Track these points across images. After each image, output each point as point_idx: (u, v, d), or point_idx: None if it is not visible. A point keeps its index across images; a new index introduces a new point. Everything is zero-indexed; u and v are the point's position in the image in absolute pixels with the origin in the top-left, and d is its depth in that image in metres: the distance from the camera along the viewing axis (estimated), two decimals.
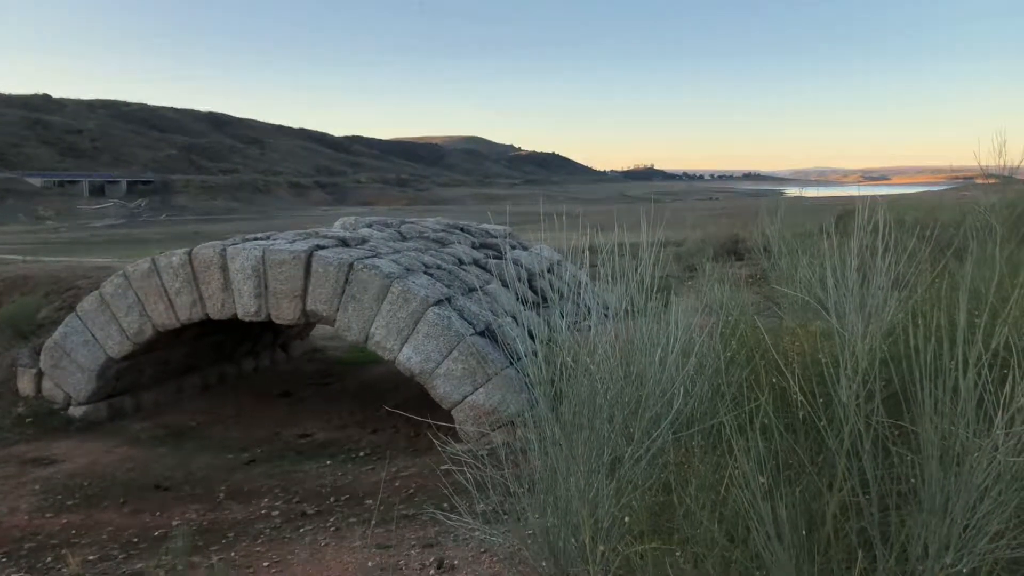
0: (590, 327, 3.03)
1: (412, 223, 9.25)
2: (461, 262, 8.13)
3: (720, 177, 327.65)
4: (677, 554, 1.59)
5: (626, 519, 1.63)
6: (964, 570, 1.24)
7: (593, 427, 1.72)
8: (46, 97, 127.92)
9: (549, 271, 9.46)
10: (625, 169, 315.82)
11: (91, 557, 5.12)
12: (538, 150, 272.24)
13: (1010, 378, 1.51)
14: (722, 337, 2.36)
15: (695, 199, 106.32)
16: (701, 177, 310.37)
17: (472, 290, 7.38)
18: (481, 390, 6.42)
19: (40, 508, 6.06)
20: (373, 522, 5.28)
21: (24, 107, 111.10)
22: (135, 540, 5.41)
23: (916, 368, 1.53)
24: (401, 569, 4.32)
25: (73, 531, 5.62)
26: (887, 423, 1.56)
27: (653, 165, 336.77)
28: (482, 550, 4.46)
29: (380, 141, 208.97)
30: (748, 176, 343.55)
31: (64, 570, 4.89)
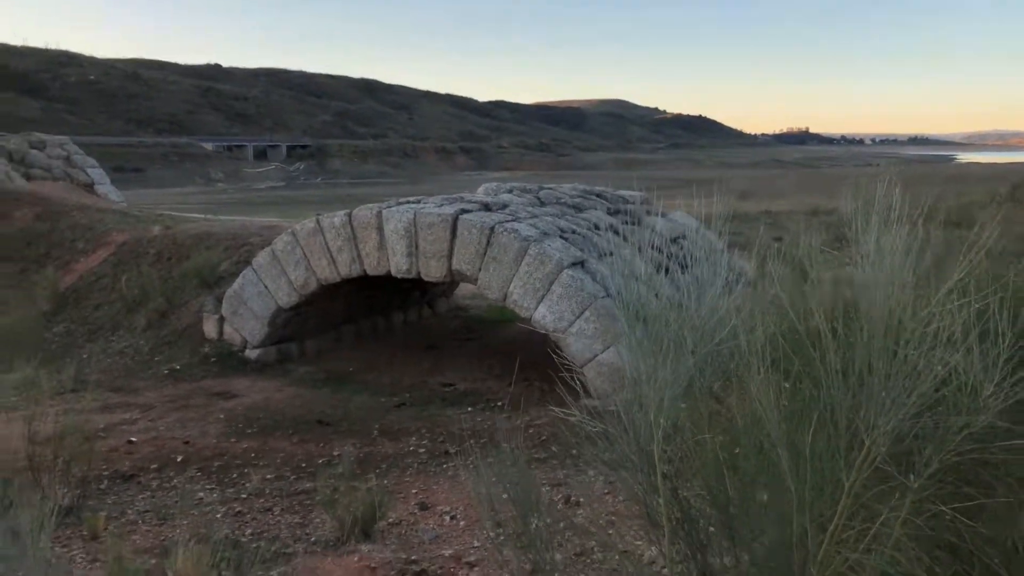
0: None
1: (550, 189, 9.64)
2: (596, 227, 8.45)
3: (883, 141, 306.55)
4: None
5: (681, 404, 1.96)
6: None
7: (661, 342, 2.07)
8: (216, 67, 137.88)
9: (684, 237, 9.60)
10: (777, 132, 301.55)
11: (268, 476, 5.94)
12: (684, 113, 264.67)
13: None
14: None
15: (853, 165, 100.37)
16: (861, 142, 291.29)
17: (605, 255, 7.70)
18: (611, 349, 6.77)
19: (225, 433, 7.01)
20: (508, 462, 5.80)
21: (198, 76, 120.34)
22: (303, 465, 6.20)
23: None
24: (532, 502, 4.79)
25: (252, 454, 6.48)
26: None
27: (808, 128, 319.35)
28: (605, 491, 4.87)
29: (523, 106, 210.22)
30: (915, 140, 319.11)
31: (247, 485, 5.72)
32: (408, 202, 8.28)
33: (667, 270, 4.82)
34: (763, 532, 1.81)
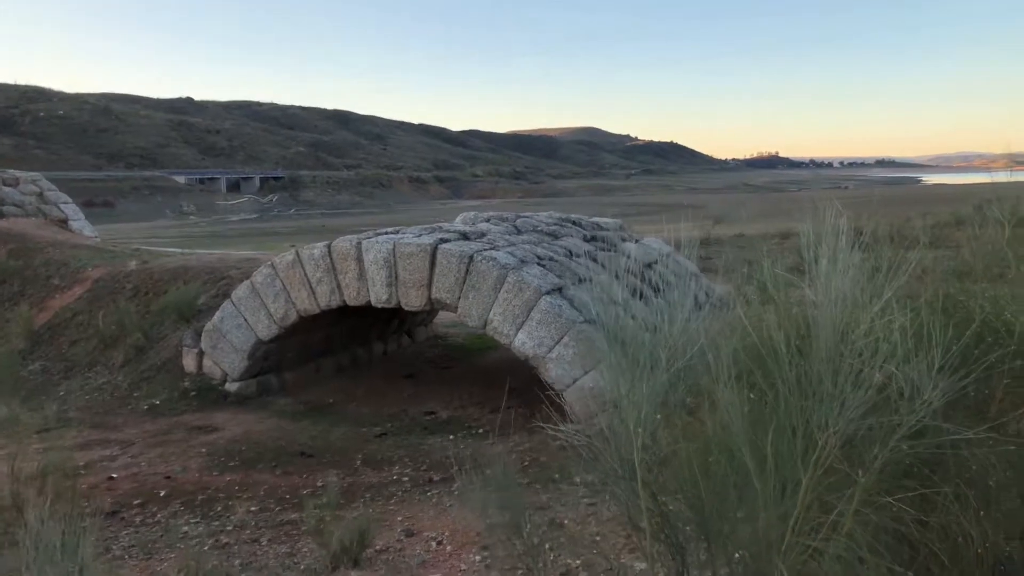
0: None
1: (527, 217, 9.81)
2: (572, 254, 8.62)
3: (850, 164, 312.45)
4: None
5: (657, 415, 2.10)
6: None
7: (637, 362, 2.23)
8: (188, 100, 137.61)
9: (658, 263, 9.80)
10: (748, 157, 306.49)
11: (253, 508, 5.96)
12: (655, 139, 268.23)
13: None
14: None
15: (822, 188, 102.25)
16: (830, 165, 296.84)
17: (582, 280, 7.86)
18: (590, 374, 6.89)
19: (207, 467, 7.01)
20: (493, 486, 5.88)
21: (170, 110, 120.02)
22: (287, 496, 6.23)
23: None
24: (520, 525, 4.88)
25: (236, 487, 6.49)
26: None
27: (777, 153, 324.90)
28: (589, 513, 4.97)
29: (496, 134, 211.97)
30: (881, 163, 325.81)
31: (232, 517, 5.74)
32: (387, 232, 8.40)
33: (642, 294, 4.99)
34: (734, 530, 1.94)
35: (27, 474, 5.40)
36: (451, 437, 7.69)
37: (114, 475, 6.85)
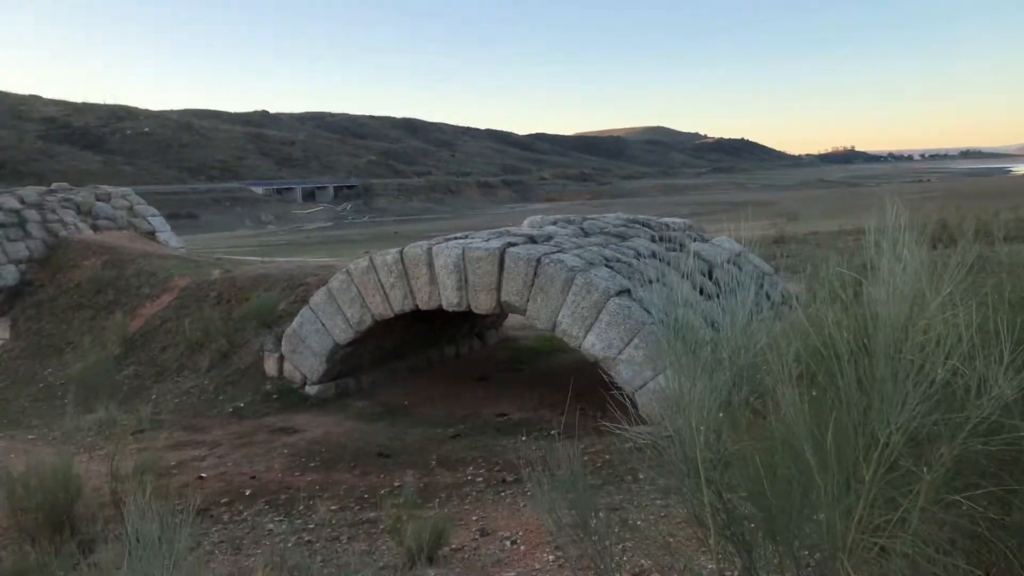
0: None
1: (594, 219, 9.83)
2: (640, 255, 8.60)
3: (932, 156, 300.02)
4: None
5: (720, 414, 2.11)
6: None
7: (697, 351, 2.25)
8: (264, 113, 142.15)
9: (729, 262, 9.68)
10: (822, 152, 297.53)
11: (333, 507, 6.17)
12: (726, 137, 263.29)
13: None
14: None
15: (902, 182, 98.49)
16: (909, 158, 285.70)
17: (651, 281, 7.83)
18: (661, 375, 6.87)
19: (289, 467, 7.28)
20: (566, 487, 5.93)
21: (247, 123, 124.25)
22: (366, 496, 6.42)
23: None
24: (592, 528, 4.92)
25: (317, 487, 6.72)
26: None
27: (854, 147, 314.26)
28: (661, 515, 4.98)
29: (563, 137, 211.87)
30: (966, 154, 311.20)
31: (314, 516, 5.95)
32: (456, 238, 8.55)
33: (711, 294, 4.98)
34: (800, 529, 1.95)
35: (124, 473, 5.73)
36: (523, 438, 7.77)
37: (203, 474, 7.18)
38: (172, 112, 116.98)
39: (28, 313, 12.87)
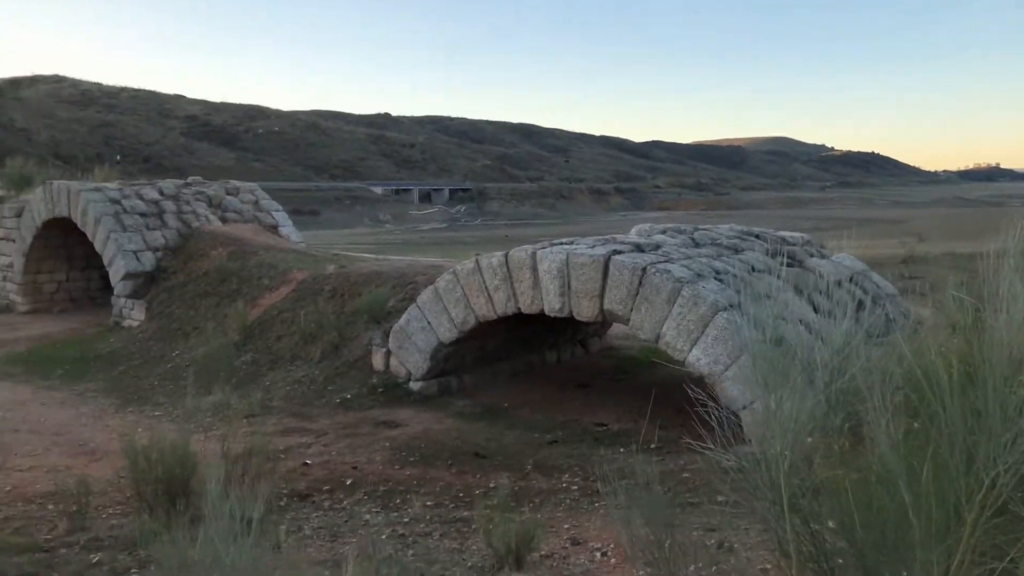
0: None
1: (705, 230, 9.57)
2: (753, 269, 8.30)
3: None
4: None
5: (808, 439, 1.96)
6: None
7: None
8: (386, 116, 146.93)
9: (850, 280, 9.21)
10: (962, 169, 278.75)
11: (428, 503, 6.26)
12: (854, 150, 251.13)
13: None
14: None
15: None
16: None
17: (763, 297, 7.54)
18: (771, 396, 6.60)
19: (390, 461, 7.45)
20: (662, 504, 5.79)
21: (370, 125, 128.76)
22: (461, 494, 6.48)
23: None
24: (685, 544, 4.77)
25: (414, 481, 6.85)
26: None
27: (999, 164, 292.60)
28: (760, 540, 4.76)
29: (680, 145, 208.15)
30: None
31: (409, 510, 6.06)
32: (561, 243, 8.52)
33: (827, 313, 4.71)
34: (894, 568, 1.79)
35: (235, 454, 6.01)
36: (621, 450, 7.65)
37: (308, 461, 7.46)
38: (301, 112, 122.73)
39: (161, 298, 13.77)
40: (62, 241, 16.33)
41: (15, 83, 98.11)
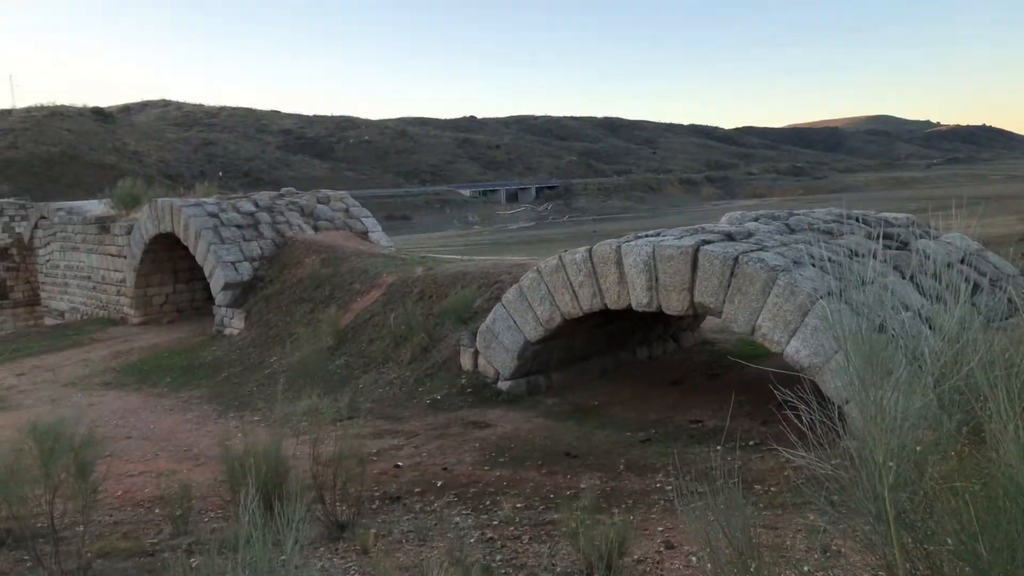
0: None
1: (800, 215, 9.10)
2: (855, 254, 7.80)
3: None
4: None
5: (917, 447, 1.71)
6: None
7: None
8: (472, 119, 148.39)
9: (963, 262, 8.57)
10: None
11: (518, 505, 6.15)
12: (963, 124, 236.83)
13: None
14: None
15: None
16: None
17: (865, 283, 7.08)
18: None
19: (479, 462, 7.39)
20: (760, 504, 5.50)
21: (456, 128, 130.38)
22: (551, 496, 6.34)
23: None
24: (786, 549, 4.49)
25: (504, 483, 6.76)
26: None
27: None
28: (869, 544, 4.43)
29: (773, 130, 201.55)
30: None
31: (499, 513, 5.97)
32: (647, 235, 8.26)
33: (936, 297, 4.31)
34: None
35: (325, 457, 6.07)
36: (717, 448, 7.33)
37: (400, 463, 7.49)
38: (389, 121, 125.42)
39: (259, 306, 14.24)
40: (168, 255, 17.14)
41: (126, 109, 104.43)
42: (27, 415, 9.71)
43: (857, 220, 9.12)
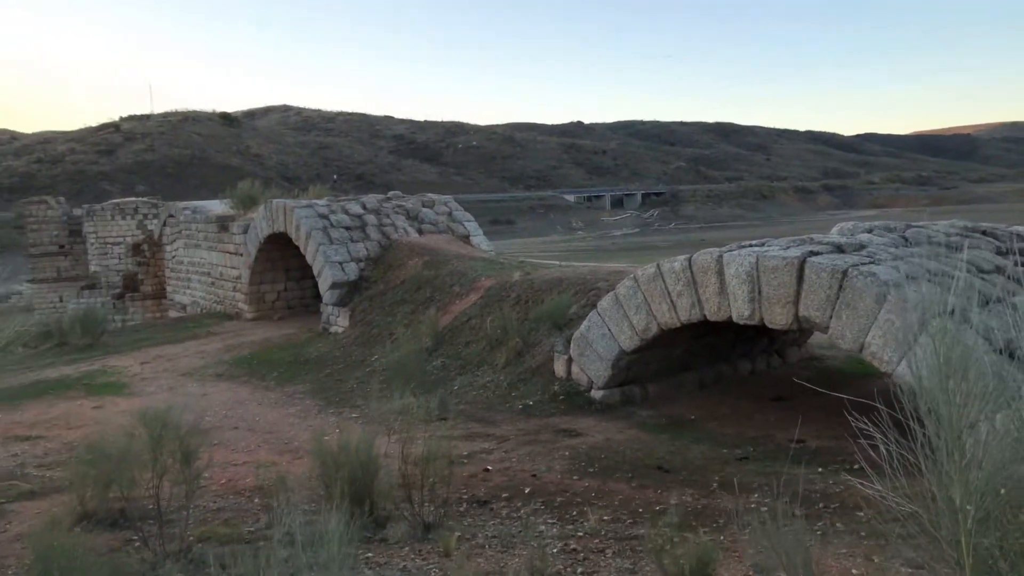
0: None
1: (920, 227, 8.55)
2: (980, 270, 7.27)
3: None
4: None
5: (1002, 490, 1.50)
6: None
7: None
8: (578, 124, 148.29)
9: None
10: None
11: (605, 517, 6.03)
12: None
13: None
14: None
15: None
16: None
17: (991, 302, 6.56)
18: (999, 416, 5.70)
19: (569, 471, 7.31)
20: (862, 533, 5.18)
21: (562, 134, 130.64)
22: (639, 510, 6.19)
23: None
24: None
25: (592, 494, 6.65)
26: None
27: None
28: None
29: (896, 137, 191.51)
30: None
31: (585, 524, 5.87)
32: (751, 245, 7.96)
33: None
34: None
35: (415, 457, 6.14)
36: (820, 470, 6.98)
37: (489, 467, 7.50)
38: (497, 126, 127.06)
39: (363, 305, 14.65)
40: (280, 254, 17.91)
41: (251, 114, 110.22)
42: (147, 402, 10.35)
43: (984, 234, 8.49)
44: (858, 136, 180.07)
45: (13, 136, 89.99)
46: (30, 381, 13.31)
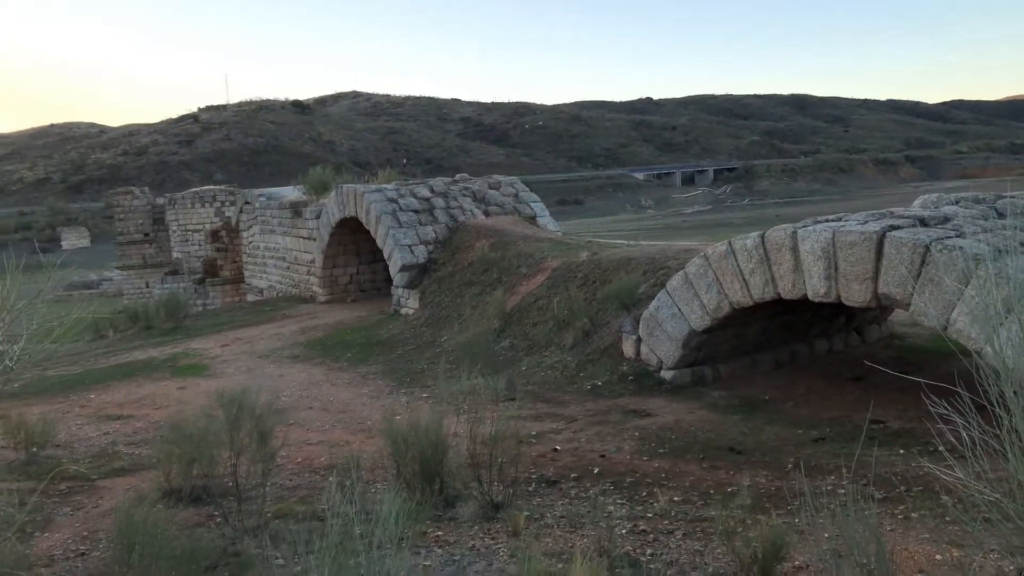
0: None
1: (1012, 197, 8.09)
2: None
3: None
4: None
5: None
6: None
7: None
8: (648, 100, 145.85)
9: None
10: None
11: (675, 498, 5.95)
12: None
13: None
14: None
15: None
16: None
17: None
18: None
19: (638, 451, 7.24)
20: (948, 518, 4.97)
21: (631, 111, 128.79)
22: (710, 491, 6.09)
23: None
24: (975, 571, 4.02)
25: (662, 475, 6.57)
26: None
27: None
28: None
29: (987, 103, 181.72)
30: None
31: (654, 504, 5.81)
32: (827, 220, 7.68)
33: None
34: None
35: (484, 437, 6.18)
36: (900, 452, 6.73)
37: (558, 447, 7.50)
38: (564, 105, 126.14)
39: (431, 287, 14.81)
40: (352, 238, 18.24)
41: (322, 101, 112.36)
42: (226, 383, 10.73)
43: None
44: (945, 104, 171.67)
45: (101, 130, 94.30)
46: (120, 363, 13.98)
